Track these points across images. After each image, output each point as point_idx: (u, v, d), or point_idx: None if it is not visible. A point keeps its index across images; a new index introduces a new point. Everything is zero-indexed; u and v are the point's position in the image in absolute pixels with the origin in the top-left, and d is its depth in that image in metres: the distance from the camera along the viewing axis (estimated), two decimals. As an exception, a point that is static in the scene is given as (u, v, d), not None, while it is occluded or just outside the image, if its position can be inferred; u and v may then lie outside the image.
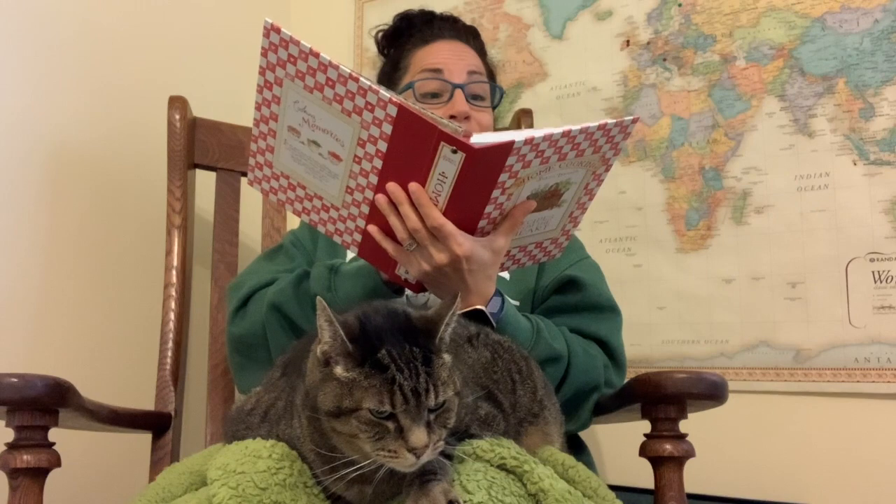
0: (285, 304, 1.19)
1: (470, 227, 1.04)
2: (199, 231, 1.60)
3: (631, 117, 1.02)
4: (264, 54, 0.98)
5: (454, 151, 0.93)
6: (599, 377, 1.19)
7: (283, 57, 0.97)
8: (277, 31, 0.96)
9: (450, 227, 0.99)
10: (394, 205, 1.01)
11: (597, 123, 0.99)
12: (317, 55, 0.94)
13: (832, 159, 1.49)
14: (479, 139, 0.94)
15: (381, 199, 1.02)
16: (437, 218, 0.99)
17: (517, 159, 0.96)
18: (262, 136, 1.06)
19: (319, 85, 0.96)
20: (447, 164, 0.95)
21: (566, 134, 0.97)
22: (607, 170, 1.08)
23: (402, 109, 0.94)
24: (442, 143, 0.93)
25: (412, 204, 1.00)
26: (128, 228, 1.60)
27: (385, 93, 0.93)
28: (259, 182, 1.11)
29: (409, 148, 0.96)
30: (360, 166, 1.01)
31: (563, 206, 1.10)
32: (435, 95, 1.32)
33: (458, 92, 1.31)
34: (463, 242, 1.00)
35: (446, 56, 1.35)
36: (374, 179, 1.01)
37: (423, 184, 0.98)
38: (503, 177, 0.97)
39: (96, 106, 1.57)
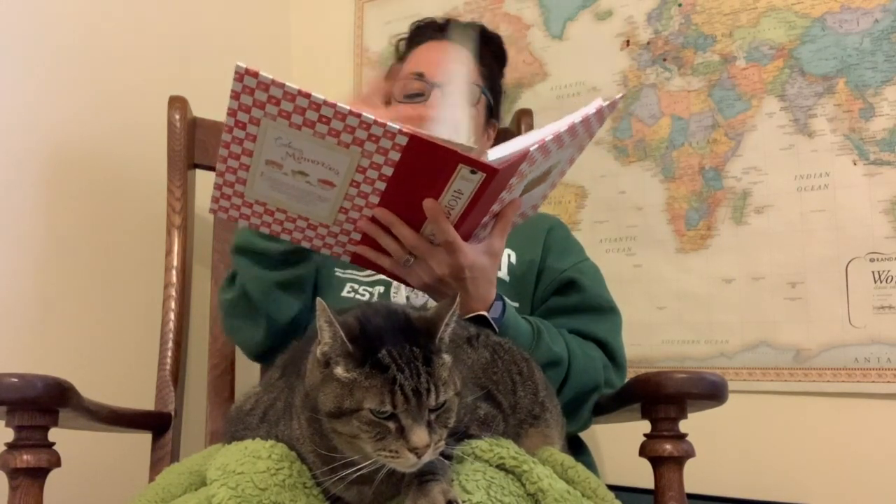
0: (243, 237, 1.23)
1: (473, 229, 1.04)
2: (199, 231, 1.60)
3: (619, 95, 1.05)
4: (235, 97, 0.90)
5: (473, 172, 0.92)
6: (599, 378, 1.19)
7: (261, 99, 0.90)
8: (254, 75, 0.88)
9: (460, 241, 1.00)
10: (383, 227, 1.01)
11: (594, 109, 1.01)
12: (307, 95, 0.89)
13: (832, 159, 1.49)
14: (496, 155, 0.93)
15: (368, 225, 1.01)
16: (451, 234, 0.99)
17: (528, 163, 0.97)
18: (231, 170, 0.99)
19: (310, 122, 0.91)
20: (464, 183, 0.94)
21: (571, 128, 1.00)
22: (590, 139, 1.11)
23: (413, 139, 0.91)
24: (460, 164, 0.92)
25: (404, 223, 1.00)
26: (128, 228, 1.60)
27: (393, 124, 0.90)
28: (226, 211, 1.04)
29: (421, 171, 0.94)
30: (359, 189, 0.98)
31: (549, 180, 1.13)
32: (418, 95, 1.34)
33: (437, 90, 1.32)
34: (468, 253, 1.01)
35: (429, 58, 1.37)
36: (374, 199, 0.99)
37: (435, 199, 0.97)
38: (513, 180, 0.99)
39: (96, 106, 1.57)
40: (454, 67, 1.36)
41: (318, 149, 0.94)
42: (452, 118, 1.31)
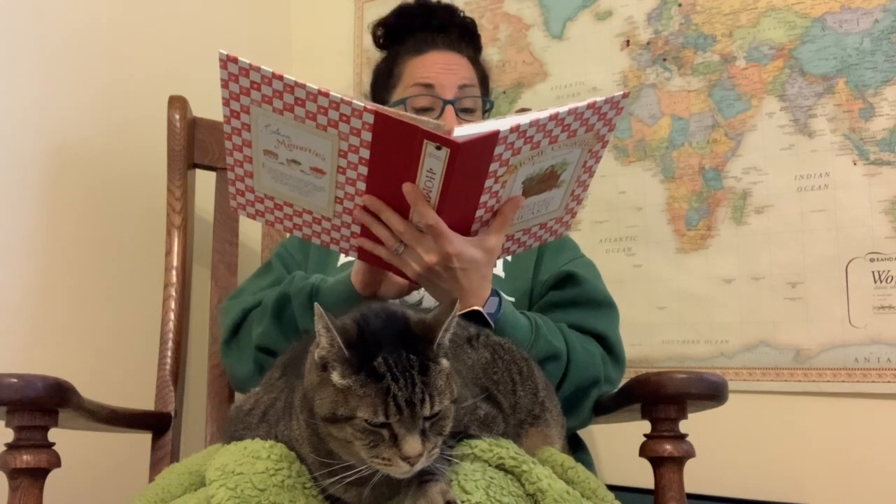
0: (272, 344, 1.21)
1: (467, 222, 1.04)
2: (199, 231, 1.60)
3: (621, 92, 1.01)
4: (225, 85, 0.96)
5: (438, 148, 0.93)
6: (599, 372, 1.19)
7: (245, 85, 0.95)
8: (234, 60, 0.93)
9: (443, 226, 1.00)
10: (374, 216, 1.02)
11: (585, 103, 0.98)
12: (280, 77, 0.93)
13: (832, 159, 1.49)
14: (462, 132, 0.94)
15: (361, 213, 1.03)
16: (432, 216, 0.99)
17: (505, 147, 0.96)
18: (238, 163, 1.04)
19: (289, 105, 0.95)
20: (433, 161, 0.94)
21: (554, 117, 0.96)
22: (604, 146, 1.07)
23: (378, 115, 0.93)
24: (425, 140, 0.93)
25: (393, 209, 1.00)
26: (127, 228, 1.60)
27: (359, 102, 0.93)
28: (244, 207, 1.10)
29: (393, 151, 0.96)
30: (346, 176, 1.00)
31: (563, 187, 1.10)
32: (427, 110, 1.33)
33: (449, 108, 1.31)
34: (453, 240, 1.01)
35: (438, 70, 1.35)
36: (361, 186, 1.01)
37: (413, 183, 0.97)
38: (493, 166, 0.97)
39: (96, 106, 1.57)
40: (463, 81, 1.35)
41: (302, 134, 0.98)
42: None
